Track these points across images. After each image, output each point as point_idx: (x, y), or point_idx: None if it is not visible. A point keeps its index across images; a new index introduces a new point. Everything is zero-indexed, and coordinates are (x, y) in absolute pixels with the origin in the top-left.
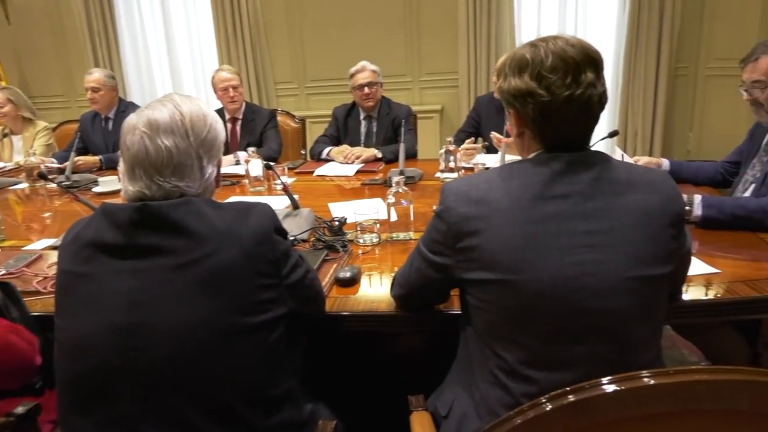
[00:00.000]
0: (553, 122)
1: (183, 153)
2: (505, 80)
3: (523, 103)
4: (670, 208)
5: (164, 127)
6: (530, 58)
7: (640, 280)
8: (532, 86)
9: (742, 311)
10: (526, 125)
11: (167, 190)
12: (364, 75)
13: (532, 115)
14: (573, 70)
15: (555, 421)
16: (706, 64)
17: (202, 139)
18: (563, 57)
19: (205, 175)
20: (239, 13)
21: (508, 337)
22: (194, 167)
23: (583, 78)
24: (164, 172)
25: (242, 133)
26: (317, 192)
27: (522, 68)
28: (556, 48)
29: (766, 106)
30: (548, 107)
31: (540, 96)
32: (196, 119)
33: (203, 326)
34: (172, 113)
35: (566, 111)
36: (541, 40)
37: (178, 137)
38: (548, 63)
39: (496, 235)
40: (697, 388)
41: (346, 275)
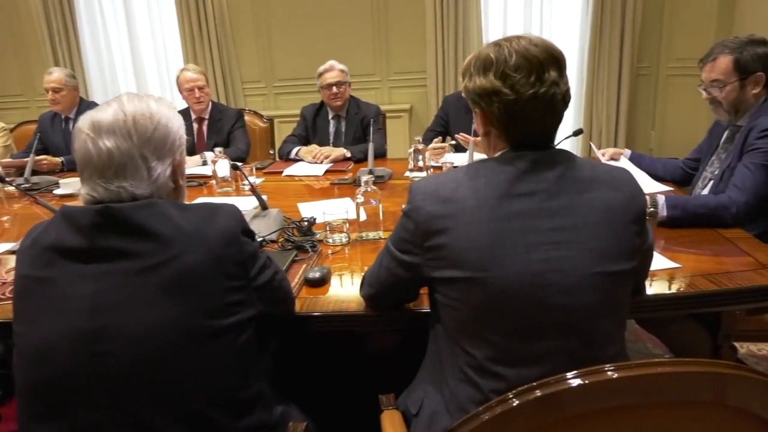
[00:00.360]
0: (519, 121)
1: (125, 154)
2: (470, 80)
3: (488, 102)
4: (632, 204)
5: (106, 128)
6: (494, 57)
7: (604, 275)
8: (497, 85)
9: (702, 304)
10: (492, 124)
11: (114, 193)
12: (332, 74)
13: (498, 113)
14: (537, 68)
15: (522, 416)
16: (666, 63)
17: (147, 138)
18: (527, 56)
19: (154, 175)
20: (204, 11)
21: (476, 334)
22: (139, 168)
23: (546, 77)
24: (107, 174)
25: (209, 133)
26: (286, 192)
27: (487, 67)
28: (519, 47)
29: (725, 105)
30: (513, 106)
31: (505, 95)
32: (140, 118)
33: (170, 330)
34: (115, 113)
35: (531, 109)
36: (504, 39)
37: (120, 138)
38: (512, 62)
39: (463, 234)
40: (659, 380)
41: (315, 275)
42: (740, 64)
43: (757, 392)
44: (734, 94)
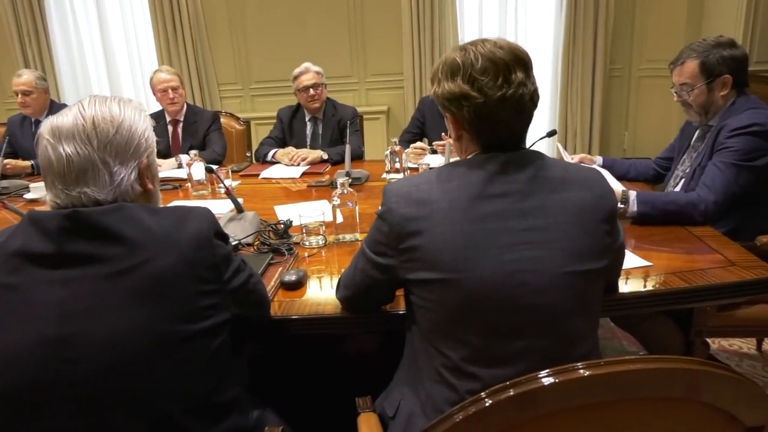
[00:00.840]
0: (489, 123)
1: (85, 159)
2: (439, 85)
3: (458, 106)
4: (603, 204)
5: (66, 133)
6: (461, 62)
7: (576, 274)
8: (465, 89)
9: (673, 302)
10: (464, 128)
11: (75, 198)
12: (308, 77)
13: (468, 117)
14: (503, 70)
15: (496, 416)
16: (638, 65)
17: (107, 142)
18: (492, 59)
19: (116, 180)
20: (179, 12)
21: (451, 335)
22: (100, 173)
23: (513, 78)
24: (67, 180)
25: (184, 135)
26: (263, 195)
27: (454, 72)
28: (485, 51)
29: (695, 107)
30: (483, 108)
31: (474, 98)
32: (100, 121)
33: (141, 335)
34: (74, 117)
35: (500, 111)
36: (470, 43)
37: (79, 143)
38: (479, 66)
39: (437, 235)
40: (628, 377)
41: (291, 278)
42: (706, 68)
43: (722, 387)
44: (703, 97)
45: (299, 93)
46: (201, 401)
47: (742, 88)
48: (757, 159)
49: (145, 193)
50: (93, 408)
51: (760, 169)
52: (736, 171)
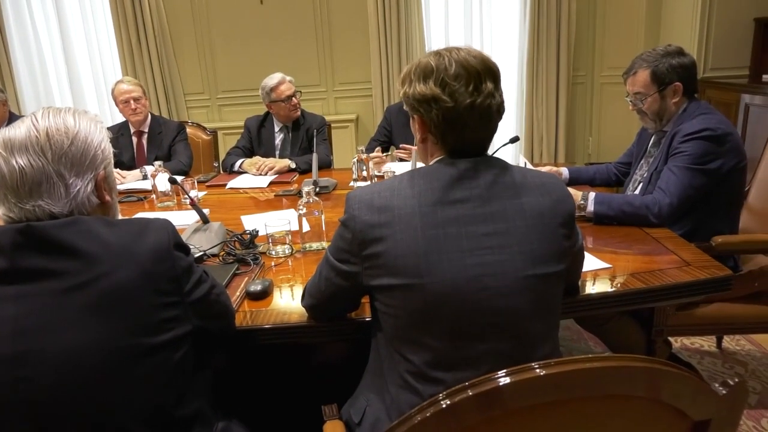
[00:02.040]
0: (456, 128)
1: (39, 171)
2: (410, 86)
3: (427, 108)
4: (560, 208)
5: (18, 145)
6: (435, 65)
7: (535, 277)
8: (437, 92)
9: (632, 302)
10: (430, 131)
11: (29, 212)
12: (287, 86)
13: (436, 120)
14: (475, 79)
15: (454, 416)
16: (600, 72)
17: (62, 153)
18: (466, 66)
19: (72, 192)
20: (143, 23)
21: (415, 339)
22: (55, 185)
23: (483, 87)
24: (21, 193)
25: (149, 146)
26: (230, 205)
27: (427, 75)
28: (459, 57)
29: (650, 115)
30: (451, 113)
31: (444, 102)
32: (54, 133)
33: (99, 350)
34: (27, 129)
35: (468, 118)
36: (445, 49)
37: (33, 155)
38: (452, 71)
39: (399, 241)
40: (579, 376)
41: (256, 288)
42: (657, 77)
43: (668, 383)
44: (656, 105)
45: (278, 103)
46: (162, 415)
47: (693, 94)
48: (709, 162)
49: (102, 205)
50: (50, 425)
51: (713, 172)
52: (690, 174)
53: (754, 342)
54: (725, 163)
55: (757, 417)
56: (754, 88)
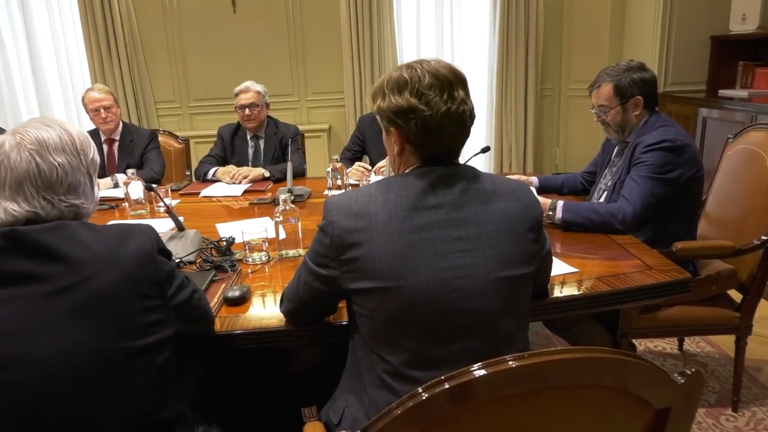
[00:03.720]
0: (434, 135)
1: (77, 171)
2: (384, 99)
3: (405, 119)
4: (529, 214)
5: (54, 146)
6: (408, 77)
7: (506, 279)
8: (413, 102)
9: (598, 305)
10: (409, 141)
11: (61, 210)
12: (246, 96)
13: (416, 129)
14: (447, 87)
15: (433, 408)
16: (566, 85)
17: (90, 159)
18: (437, 76)
19: (96, 194)
20: (113, 31)
21: (391, 341)
22: (86, 186)
23: (456, 95)
24: (58, 190)
25: (120, 154)
26: (204, 213)
27: (401, 87)
28: (430, 68)
29: (613, 126)
30: (430, 121)
31: (422, 111)
32: (83, 140)
33: (83, 353)
34: (59, 133)
35: (446, 124)
36: (414, 62)
37: (70, 155)
38: (426, 81)
39: (376, 246)
40: (549, 367)
41: (234, 294)
42: (620, 90)
43: (633, 373)
44: (619, 117)
45: (237, 111)
46: (144, 418)
47: (653, 107)
48: (669, 172)
49: None
50: (35, 428)
51: (672, 182)
52: (651, 183)
53: (712, 344)
54: (684, 173)
55: (716, 415)
56: (711, 102)
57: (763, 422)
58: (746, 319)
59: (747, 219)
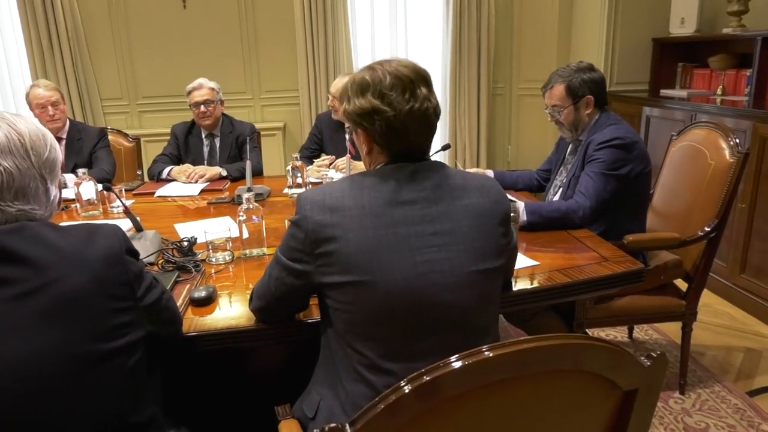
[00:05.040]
0: (399, 134)
1: (26, 174)
2: (349, 103)
3: (370, 120)
4: (498, 208)
5: (1, 148)
6: (370, 79)
7: (479, 273)
8: (376, 104)
9: (558, 295)
10: (375, 141)
11: (11, 215)
12: (201, 93)
13: (380, 130)
14: (409, 86)
15: (414, 401)
16: (517, 84)
17: (44, 159)
18: (398, 76)
19: (50, 197)
20: (55, 25)
21: (367, 334)
22: (38, 189)
23: (418, 93)
24: (5, 195)
25: (68, 154)
26: (159, 213)
27: (364, 89)
28: (391, 69)
29: (566, 125)
30: (394, 121)
31: (385, 112)
32: (35, 138)
33: (53, 357)
34: (7, 133)
35: (410, 123)
36: (377, 63)
37: (18, 158)
38: (387, 82)
39: (351, 240)
40: (525, 355)
41: (201, 294)
42: (571, 90)
43: (602, 357)
44: (572, 116)
45: (192, 108)
46: (116, 422)
47: (603, 106)
48: (620, 168)
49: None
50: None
51: (623, 177)
52: (604, 179)
53: (660, 331)
54: (633, 169)
55: (665, 398)
56: (654, 101)
57: (707, 403)
58: (691, 307)
59: (691, 212)
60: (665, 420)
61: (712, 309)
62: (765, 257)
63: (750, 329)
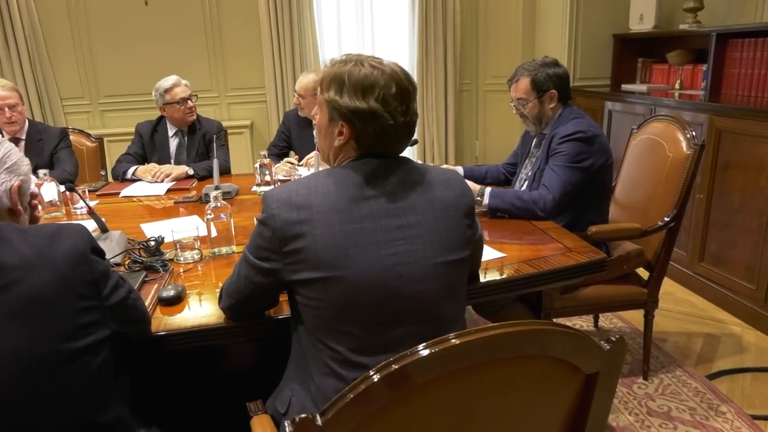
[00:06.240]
0: (387, 141)
1: None
2: (341, 95)
3: (364, 122)
4: (463, 201)
5: None
6: (373, 80)
7: (444, 264)
8: (378, 109)
9: (526, 286)
10: (358, 140)
11: None
12: (182, 89)
13: (372, 133)
14: (406, 100)
15: (383, 389)
16: (483, 80)
17: None
18: (401, 86)
19: None
20: (11, 22)
21: (337, 329)
22: None
23: (412, 107)
24: None
25: (28, 155)
26: (125, 214)
27: (366, 90)
28: (393, 74)
29: (531, 119)
30: (389, 130)
31: (385, 119)
32: None
33: (17, 358)
34: None
35: (400, 134)
36: (372, 60)
37: None
38: (392, 91)
39: (319, 237)
40: (491, 341)
41: (170, 294)
42: (536, 84)
43: (566, 342)
44: (536, 110)
45: (174, 106)
46: (84, 422)
47: (567, 100)
48: (583, 161)
49: (13, 213)
50: None
51: (586, 170)
52: (568, 172)
53: (624, 320)
54: (595, 162)
55: (629, 384)
56: (615, 96)
57: (669, 387)
58: (653, 295)
59: (651, 203)
60: (629, 405)
61: (674, 297)
62: (722, 246)
63: (709, 315)
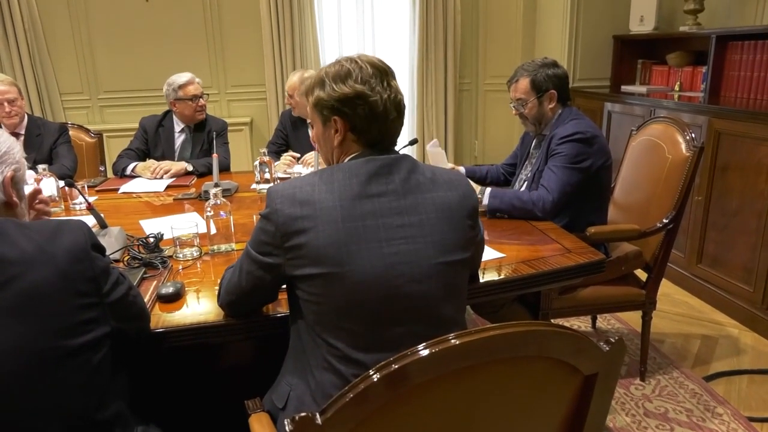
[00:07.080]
0: (380, 120)
1: None
2: (324, 90)
3: (352, 106)
4: (466, 202)
5: None
6: (349, 68)
7: (445, 264)
8: (360, 89)
9: (525, 286)
10: (352, 129)
11: None
12: (195, 86)
13: (363, 115)
14: (384, 77)
15: (383, 389)
16: (483, 80)
17: None
18: (375, 66)
19: None
20: (10, 15)
21: (337, 325)
22: None
23: (393, 84)
24: None
25: (27, 150)
26: (124, 210)
27: (344, 77)
28: (367, 59)
29: (530, 119)
30: (377, 107)
31: (368, 96)
32: None
33: (17, 354)
34: None
35: (389, 110)
36: (345, 58)
37: None
38: (368, 70)
39: (321, 233)
40: (491, 342)
41: (168, 291)
42: (536, 84)
43: (564, 343)
44: (536, 110)
45: (185, 102)
46: (82, 419)
47: (566, 101)
48: (582, 162)
49: (9, 206)
50: None
51: (585, 171)
52: (567, 173)
53: (622, 321)
54: (594, 162)
55: (626, 385)
56: (615, 97)
57: (666, 388)
58: (651, 296)
59: (650, 204)
60: (627, 406)
61: (671, 298)
62: (720, 248)
63: (706, 317)
